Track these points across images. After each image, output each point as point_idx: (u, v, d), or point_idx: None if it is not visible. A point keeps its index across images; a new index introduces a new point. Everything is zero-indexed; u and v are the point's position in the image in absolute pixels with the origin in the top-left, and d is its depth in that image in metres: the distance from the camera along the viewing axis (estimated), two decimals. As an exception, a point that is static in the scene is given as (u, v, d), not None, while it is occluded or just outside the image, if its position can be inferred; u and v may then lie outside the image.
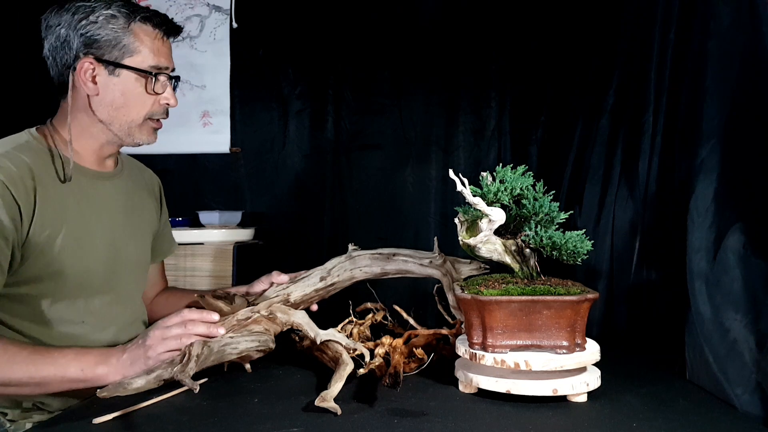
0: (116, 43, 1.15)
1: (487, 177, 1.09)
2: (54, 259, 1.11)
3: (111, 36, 1.15)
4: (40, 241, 1.09)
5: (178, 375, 0.96)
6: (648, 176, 1.41)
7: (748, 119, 1.03)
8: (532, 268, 1.07)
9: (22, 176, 1.08)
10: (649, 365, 1.22)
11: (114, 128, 1.19)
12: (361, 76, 2.25)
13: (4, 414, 1.13)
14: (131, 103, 1.18)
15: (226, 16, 2.39)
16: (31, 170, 1.10)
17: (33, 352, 1.04)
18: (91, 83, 1.16)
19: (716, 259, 1.05)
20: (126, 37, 1.16)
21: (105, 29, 1.14)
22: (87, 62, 1.15)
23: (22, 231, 1.07)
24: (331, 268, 1.30)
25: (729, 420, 0.91)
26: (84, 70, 1.15)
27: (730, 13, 1.08)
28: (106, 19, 1.14)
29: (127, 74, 1.17)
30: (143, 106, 1.20)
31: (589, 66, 1.75)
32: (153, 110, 1.21)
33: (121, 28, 1.15)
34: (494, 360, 0.97)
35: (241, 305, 1.19)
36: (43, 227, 1.10)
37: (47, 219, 1.10)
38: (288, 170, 2.32)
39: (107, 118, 1.18)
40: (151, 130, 1.24)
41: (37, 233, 1.09)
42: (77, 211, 1.16)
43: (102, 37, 1.14)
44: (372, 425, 0.88)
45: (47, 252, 1.10)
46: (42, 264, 1.10)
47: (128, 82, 1.17)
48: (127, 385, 0.92)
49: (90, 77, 1.16)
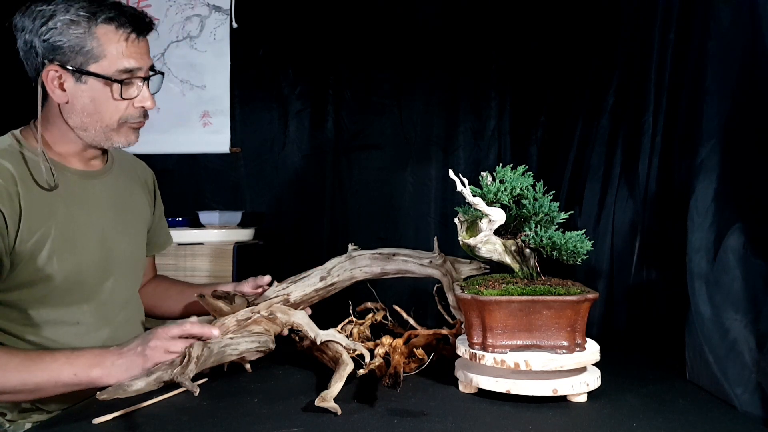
0: (79, 48, 1.09)
1: (487, 177, 1.09)
2: (44, 264, 1.09)
3: (73, 42, 1.09)
4: (29, 248, 1.08)
5: (178, 377, 0.96)
6: (648, 176, 1.41)
7: (748, 119, 1.03)
8: (532, 268, 1.07)
9: (6, 183, 1.06)
10: (649, 365, 1.22)
11: (90, 134, 1.16)
12: (361, 76, 2.25)
13: (2, 414, 1.13)
14: (102, 109, 1.13)
15: (226, 16, 2.39)
16: (14, 176, 1.07)
17: (25, 358, 1.02)
18: (59, 90, 1.12)
19: (716, 259, 1.05)
20: (89, 41, 1.09)
21: (66, 35, 1.09)
22: (52, 69, 1.10)
23: (9, 239, 1.06)
24: (331, 268, 1.30)
25: (729, 420, 0.91)
26: (50, 78, 1.11)
27: (730, 13, 1.08)
28: (66, 25, 1.08)
29: (94, 81, 1.12)
30: (116, 111, 1.14)
31: (589, 66, 1.75)
32: (128, 114, 1.16)
33: (83, 33, 1.09)
34: (494, 360, 0.97)
35: (241, 305, 1.19)
36: (30, 233, 1.08)
37: (34, 225, 1.08)
38: (288, 170, 2.32)
39: (80, 125, 1.15)
40: (130, 132, 1.19)
41: (24, 240, 1.07)
42: (66, 213, 1.14)
43: (64, 44, 1.09)
44: (372, 425, 0.88)
45: (37, 257, 1.09)
46: (32, 269, 1.09)
47: (96, 88, 1.12)
48: (128, 387, 0.92)
49: (57, 84, 1.12)
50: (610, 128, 1.58)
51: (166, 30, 2.42)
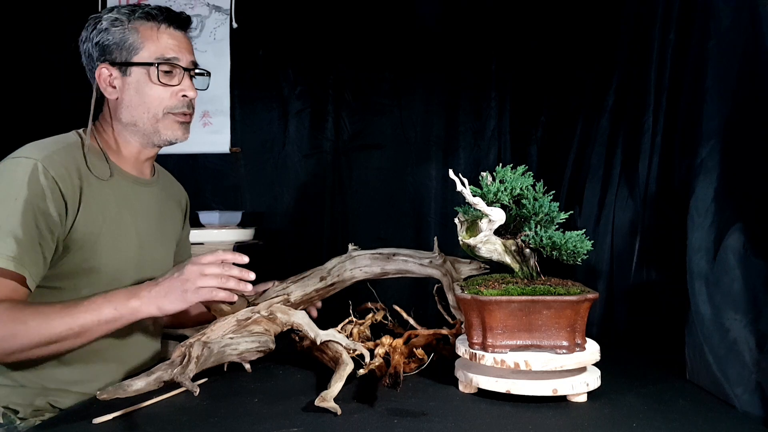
0: (123, 43, 1.20)
1: (487, 177, 1.09)
2: (92, 255, 1.16)
3: (118, 38, 1.20)
4: (81, 237, 1.14)
5: (178, 377, 0.95)
6: (648, 176, 1.41)
7: (748, 119, 1.03)
8: (532, 268, 1.07)
9: (71, 174, 1.13)
10: (649, 365, 1.22)
11: (140, 128, 1.24)
12: (361, 76, 2.25)
13: (15, 412, 1.13)
14: (146, 98, 1.22)
15: (226, 16, 2.39)
16: (79, 169, 1.15)
17: (64, 306, 1.06)
18: (110, 88, 1.22)
19: (716, 259, 1.05)
20: (131, 36, 1.20)
21: (111, 33, 1.20)
22: (103, 68, 1.21)
23: (66, 225, 1.12)
24: (331, 268, 1.30)
25: (729, 420, 0.91)
26: (102, 77, 1.21)
27: (730, 13, 1.08)
28: (111, 23, 1.20)
29: (137, 71, 1.21)
30: (159, 100, 1.22)
31: (589, 66, 1.75)
32: (171, 104, 1.24)
33: (125, 29, 1.20)
34: (494, 360, 0.97)
35: (241, 304, 1.20)
36: (85, 224, 1.14)
37: (90, 216, 1.15)
38: (288, 170, 2.33)
39: (131, 120, 1.23)
40: (176, 125, 1.26)
41: (79, 229, 1.13)
42: (116, 212, 1.21)
43: (111, 42, 1.20)
44: (372, 425, 0.88)
45: (86, 248, 1.15)
46: (80, 259, 1.15)
47: (139, 78, 1.21)
48: (127, 387, 0.91)
49: (108, 83, 1.22)
50: (610, 128, 1.58)
51: (166, 30, 2.42)
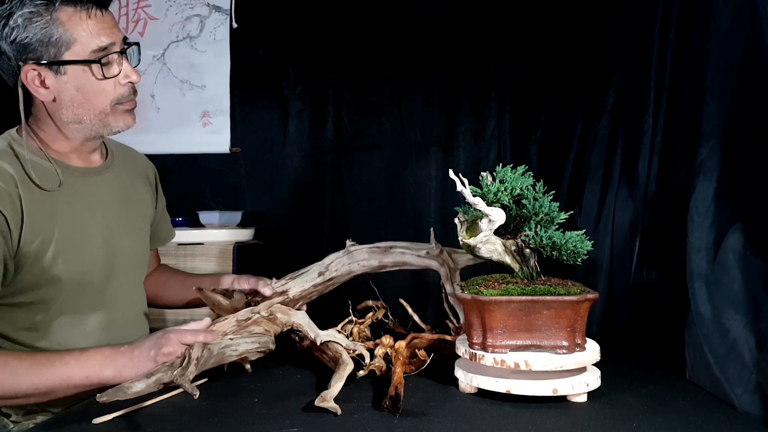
0: (48, 40, 1.04)
1: (487, 177, 1.09)
2: (51, 265, 1.08)
3: (39, 35, 1.04)
4: (33, 249, 1.06)
5: (178, 379, 0.95)
6: (648, 176, 1.41)
7: (748, 119, 1.03)
8: (532, 268, 1.07)
9: (6, 185, 1.04)
10: (649, 365, 1.22)
11: (86, 125, 1.13)
12: (361, 76, 2.25)
13: (7, 416, 1.13)
14: (90, 96, 1.10)
15: (226, 16, 2.39)
16: (13, 177, 1.05)
17: (34, 362, 1.01)
18: (42, 89, 1.08)
19: (716, 259, 1.05)
20: (55, 30, 1.04)
21: (30, 30, 1.04)
22: (30, 69, 1.07)
23: (12, 242, 1.04)
24: (329, 263, 1.31)
25: (729, 420, 0.91)
26: (30, 78, 1.07)
27: (730, 13, 1.08)
28: (27, 19, 1.03)
29: (74, 68, 1.08)
30: (105, 95, 1.11)
31: (589, 66, 1.75)
32: (118, 94, 1.13)
33: (46, 23, 1.04)
34: (494, 360, 0.97)
35: (240, 300, 1.20)
36: (34, 235, 1.06)
37: (38, 226, 1.07)
38: (288, 170, 2.33)
39: (74, 118, 1.11)
40: (125, 114, 1.15)
41: (28, 242, 1.05)
42: (69, 213, 1.12)
43: (31, 39, 1.04)
44: (372, 425, 0.88)
45: (41, 259, 1.07)
46: (37, 271, 1.08)
47: (78, 76, 1.08)
48: (127, 389, 0.91)
49: (39, 84, 1.08)
50: (610, 128, 1.58)
51: (166, 30, 2.42)
